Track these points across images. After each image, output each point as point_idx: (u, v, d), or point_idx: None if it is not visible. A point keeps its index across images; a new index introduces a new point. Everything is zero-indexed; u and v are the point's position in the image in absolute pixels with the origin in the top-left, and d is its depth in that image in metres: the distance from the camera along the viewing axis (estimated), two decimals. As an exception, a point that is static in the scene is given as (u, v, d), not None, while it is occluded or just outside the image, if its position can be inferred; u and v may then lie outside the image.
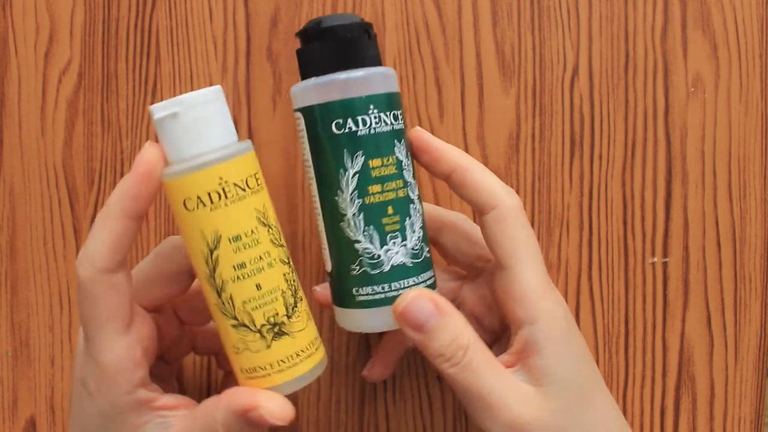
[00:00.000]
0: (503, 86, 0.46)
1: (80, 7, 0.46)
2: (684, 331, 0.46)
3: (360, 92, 0.35)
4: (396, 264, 0.36)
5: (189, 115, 0.32)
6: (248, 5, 0.46)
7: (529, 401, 0.34)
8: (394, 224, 0.36)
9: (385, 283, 0.36)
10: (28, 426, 0.47)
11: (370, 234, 0.36)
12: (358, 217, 0.35)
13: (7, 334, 0.47)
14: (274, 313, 0.33)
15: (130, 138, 0.46)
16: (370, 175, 0.35)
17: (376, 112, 0.35)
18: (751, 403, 0.46)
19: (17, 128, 0.47)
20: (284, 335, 0.34)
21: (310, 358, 0.35)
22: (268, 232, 0.33)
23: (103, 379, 0.34)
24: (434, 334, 0.35)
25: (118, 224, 0.33)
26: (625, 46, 0.46)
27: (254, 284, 0.33)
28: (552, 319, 0.36)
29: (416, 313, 0.35)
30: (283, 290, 0.34)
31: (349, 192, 0.35)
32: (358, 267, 0.36)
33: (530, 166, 0.46)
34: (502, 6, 0.46)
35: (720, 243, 0.46)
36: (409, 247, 0.36)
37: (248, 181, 0.33)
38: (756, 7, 0.45)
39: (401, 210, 0.36)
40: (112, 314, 0.33)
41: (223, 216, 0.32)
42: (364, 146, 0.35)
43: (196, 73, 0.46)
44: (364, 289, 0.36)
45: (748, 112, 0.46)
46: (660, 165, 0.46)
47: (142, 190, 0.33)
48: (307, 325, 0.35)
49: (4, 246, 0.47)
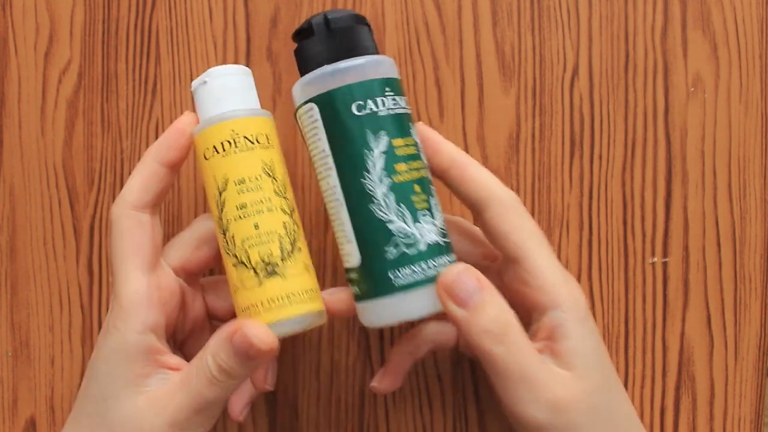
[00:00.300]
0: (503, 86, 0.46)
1: (80, 7, 0.46)
2: (684, 331, 0.46)
3: (376, 75, 0.36)
4: (430, 242, 0.36)
5: (215, 83, 0.37)
6: (248, 5, 0.46)
7: (566, 383, 0.35)
8: (423, 202, 0.36)
9: (423, 261, 0.35)
10: (28, 426, 0.47)
11: (402, 212, 0.35)
12: (389, 197, 0.35)
13: (7, 334, 0.47)
14: (269, 253, 0.36)
15: (130, 138, 0.46)
16: (395, 153, 0.36)
17: (392, 94, 0.36)
18: (751, 403, 0.46)
19: (17, 128, 0.47)
20: (276, 275, 0.36)
21: (301, 304, 0.36)
22: (272, 183, 0.37)
23: (119, 313, 0.36)
24: (479, 310, 0.34)
25: (148, 168, 0.37)
26: (625, 46, 0.46)
27: (253, 223, 0.36)
28: (575, 301, 0.36)
29: (462, 286, 0.35)
30: (281, 235, 0.36)
31: (377, 171, 0.35)
32: (393, 248, 0.35)
33: (530, 166, 0.46)
34: (502, 6, 0.46)
35: (720, 243, 0.46)
36: (438, 225, 0.36)
37: (258, 138, 0.37)
38: (756, 7, 0.45)
39: (426, 189, 0.36)
40: (136, 249, 0.36)
41: (232, 162, 0.36)
42: (386, 126, 0.36)
43: (196, 73, 0.46)
44: (403, 270, 0.35)
45: (748, 112, 0.46)
46: (660, 165, 0.46)
47: (172, 141, 0.37)
48: (302, 274, 0.36)
49: (4, 246, 0.47)
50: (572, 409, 0.34)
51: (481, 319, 0.34)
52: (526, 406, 0.34)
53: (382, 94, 0.36)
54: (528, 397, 0.34)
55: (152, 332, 0.36)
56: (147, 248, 0.37)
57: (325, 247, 0.46)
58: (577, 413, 0.34)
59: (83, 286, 0.47)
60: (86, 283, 0.47)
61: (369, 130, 0.36)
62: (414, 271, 0.35)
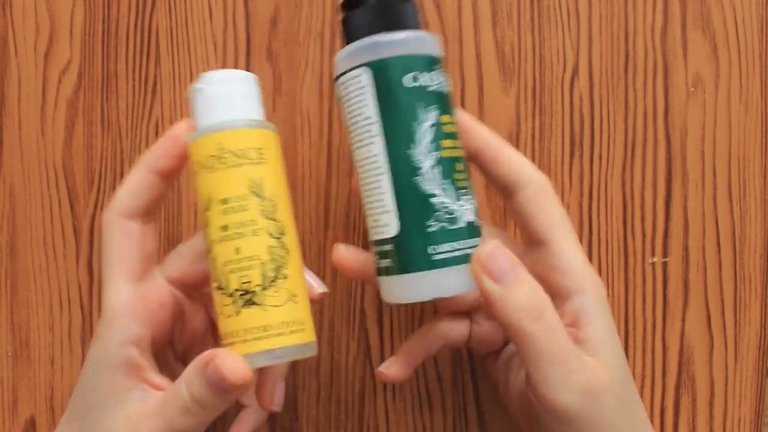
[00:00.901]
0: (503, 86, 0.46)
1: (80, 7, 0.46)
2: (684, 331, 0.46)
3: (429, 51, 0.36)
4: (469, 220, 0.35)
5: (210, 90, 0.35)
6: (248, 5, 0.46)
7: (595, 369, 0.34)
8: (463, 180, 0.36)
9: (462, 239, 0.35)
10: (28, 426, 0.47)
11: (446, 188, 0.35)
12: (435, 170, 0.35)
13: (7, 334, 0.47)
14: (248, 280, 0.34)
15: (130, 138, 0.46)
16: (442, 130, 0.36)
17: (441, 71, 0.37)
18: (751, 403, 0.46)
19: (17, 128, 0.47)
20: (254, 305, 0.34)
21: (280, 337, 0.34)
22: (260, 203, 0.34)
23: (103, 322, 0.35)
24: (515, 287, 0.34)
25: (139, 175, 0.36)
26: (625, 46, 0.46)
27: (234, 247, 0.34)
28: (598, 289, 0.36)
29: (497, 263, 0.34)
30: (263, 261, 0.34)
31: (425, 144, 0.35)
32: (435, 222, 0.35)
33: (530, 166, 0.46)
34: (502, 6, 0.46)
35: (720, 243, 0.46)
36: (475, 205, 0.36)
37: (248, 153, 0.35)
38: (756, 7, 0.45)
39: (465, 166, 0.36)
40: (122, 258, 0.36)
41: (217, 179, 0.34)
42: (436, 101, 0.36)
43: (196, 73, 0.46)
44: (443, 246, 0.35)
45: (748, 112, 0.46)
46: (660, 165, 0.46)
47: (165, 149, 0.36)
48: (285, 304, 0.34)
49: (4, 246, 0.47)
50: (601, 396, 0.34)
51: (518, 295, 0.33)
52: (558, 389, 0.33)
53: (433, 69, 0.36)
54: (561, 381, 0.33)
55: (134, 345, 0.35)
56: (134, 257, 0.36)
57: (326, 246, 0.46)
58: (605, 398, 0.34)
59: (83, 286, 0.47)
60: (86, 283, 0.47)
61: (421, 102, 0.36)
62: (453, 248, 0.35)
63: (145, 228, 0.36)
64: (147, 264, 0.37)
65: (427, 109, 0.36)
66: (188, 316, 0.39)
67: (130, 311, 0.35)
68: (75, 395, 0.36)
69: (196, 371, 0.33)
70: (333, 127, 0.46)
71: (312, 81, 0.46)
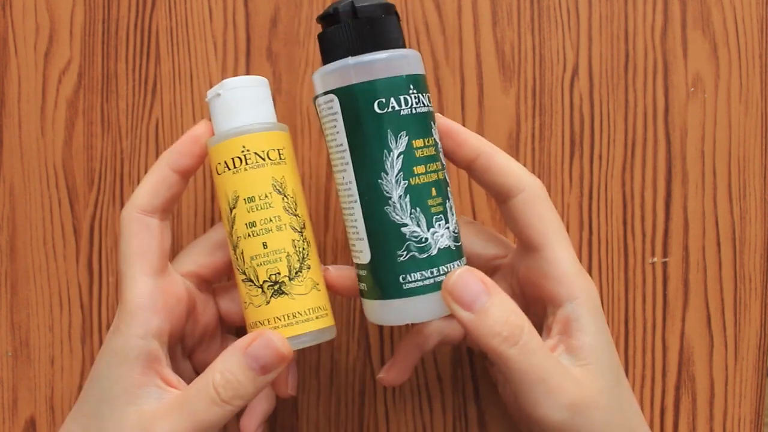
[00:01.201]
0: (503, 86, 0.46)
1: (80, 7, 0.46)
2: (684, 331, 0.46)
3: (401, 71, 0.35)
4: (442, 247, 0.35)
5: (228, 95, 0.37)
6: (248, 5, 0.46)
7: (581, 383, 0.34)
8: (438, 206, 0.35)
9: (433, 267, 0.35)
10: (28, 426, 0.47)
11: (417, 216, 0.35)
12: (405, 199, 0.35)
13: (7, 334, 0.47)
14: (276, 272, 0.36)
15: (130, 138, 0.46)
16: (415, 155, 0.35)
17: (416, 92, 0.35)
18: (751, 403, 0.46)
19: (17, 128, 0.47)
20: (283, 294, 0.36)
21: (308, 322, 0.36)
22: (283, 200, 0.37)
23: (123, 316, 0.36)
24: (487, 312, 0.34)
25: (159, 172, 0.37)
26: (625, 46, 0.46)
27: (261, 242, 0.36)
28: (590, 295, 0.36)
29: (466, 289, 0.34)
30: (289, 253, 0.36)
31: (394, 173, 0.35)
32: (405, 252, 0.35)
33: (530, 166, 0.46)
34: (502, 6, 0.46)
35: (720, 243, 0.46)
36: (451, 229, 0.36)
37: (269, 153, 0.37)
38: (756, 7, 0.45)
39: (442, 192, 0.36)
40: (142, 253, 0.36)
41: (242, 179, 0.36)
42: (408, 126, 0.35)
43: (196, 73, 0.46)
44: (413, 276, 0.35)
45: (748, 112, 0.46)
46: (660, 165, 0.46)
47: (185, 148, 0.37)
48: (310, 292, 0.37)
49: (4, 246, 0.47)
50: (589, 407, 0.34)
51: (490, 321, 0.34)
52: (543, 408, 0.34)
53: (406, 92, 0.35)
54: (545, 400, 0.34)
55: (155, 338, 0.35)
56: (154, 252, 0.37)
57: (325, 246, 0.46)
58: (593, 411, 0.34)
59: (83, 286, 0.47)
60: (86, 283, 0.47)
61: (390, 129, 0.34)
62: (424, 276, 0.35)
63: (162, 225, 0.37)
64: (164, 260, 0.37)
65: (398, 135, 0.35)
66: (200, 311, 0.40)
67: (151, 304, 0.36)
68: (87, 388, 0.36)
69: (234, 353, 0.34)
70: (333, 127, 0.46)
71: (312, 81, 0.46)
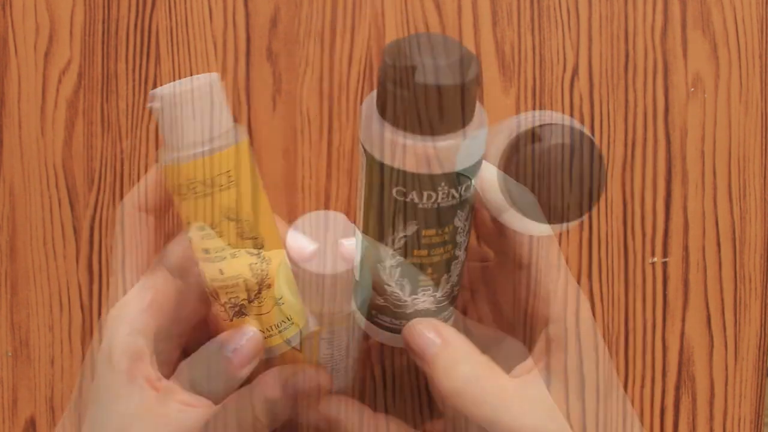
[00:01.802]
0: (503, 86, 0.46)
1: (80, 7, 0.46)
2: (684, 331, 0.46)
3: (436, 169, 0.30)
4: (420, 309, 0.35)
5: (167, 110, 0.33)
6: (248, 5, 0.46)
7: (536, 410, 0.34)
8: (430, 280, 0.35)
9: (404, 319, 0.36)
10: (28, 426, 0.47)
11: (402, 284, 0.35)
12: (395, 269, 0.34)
13: (7, 334, 0.47)
14: (235, 296, 0.36)
15: (130, 138, 0.46)
16: (420, 242, 0.33)
17: (446, 188, 0.31)
18: (751, 403, 0.46)
19: (17, 128, 0.47)
20: (243, 315, 0.36)
21: (270, 338, 0.37)
22: (236, 226, 0.35)
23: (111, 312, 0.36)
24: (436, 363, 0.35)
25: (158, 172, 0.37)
26: (625, 46, 0.46)
27: (218, 269, 0.35)
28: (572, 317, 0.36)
29: (419, 342, 0.35)
30: (246, 278, 0.35)
31: (392, 249, 0.33)
32: (381, 299, 0.35)
33: (530, 166, 0.46)
34: (502, 6, 0.46)
35: (720, 243, 0.46)
36: (438, 296, 0.35)
37: (216, 180, 0.34)
38: (756, 7, 0.45)
39: (440, 269, 0.35)
40: (133, 249, 0.37)
41: (190, 208, 0.34)
42: (421, 217, 0.32)
43: (196, 73, 0.46)
44: (383, 317, 0.36)
45: (748, 112, 0.46)
46: (660, 165, 0.46)
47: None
48: (272, 310, 0.36)
49: (4, 246, 0.47)
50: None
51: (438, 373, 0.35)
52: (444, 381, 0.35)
53: (433, 189, 0.31)
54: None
55: (140, 335, 0.36)
56: (145, 249, 0.37)
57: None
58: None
59: (83, 286, 0.47)
60: (86, 283, 0.47)
61: (401, 215, 0.32)
62: (392, 323, 0.36)
63: (156, 223, 0.38)
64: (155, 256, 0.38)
65: (408, 223, 0.32)
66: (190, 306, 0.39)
67: (137, 301, 0.36)
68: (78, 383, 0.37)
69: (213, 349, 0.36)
70: (333, 127, 0.46)
71: (312, 81, 0.46)
